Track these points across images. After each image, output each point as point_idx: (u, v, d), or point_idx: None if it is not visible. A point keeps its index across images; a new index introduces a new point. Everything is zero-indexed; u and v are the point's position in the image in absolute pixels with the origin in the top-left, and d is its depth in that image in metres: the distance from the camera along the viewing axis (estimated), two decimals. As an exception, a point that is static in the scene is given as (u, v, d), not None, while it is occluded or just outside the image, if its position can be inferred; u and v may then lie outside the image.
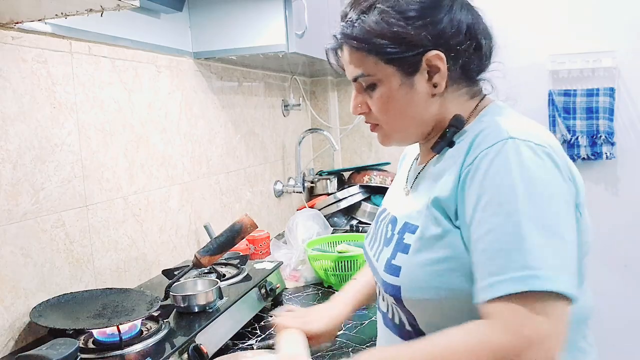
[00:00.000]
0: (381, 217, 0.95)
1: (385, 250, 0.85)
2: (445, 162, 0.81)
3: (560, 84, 2.50)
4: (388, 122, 0.86)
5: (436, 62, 0.79)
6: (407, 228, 0.81)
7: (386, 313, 0.90)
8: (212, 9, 1.58)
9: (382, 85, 0.82)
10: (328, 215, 2.20)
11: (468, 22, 0.81)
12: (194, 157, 1.63)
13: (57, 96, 1.12)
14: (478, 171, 0.71)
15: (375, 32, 0.79)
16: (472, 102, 0.85)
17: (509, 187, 0.68)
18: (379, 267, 0.85)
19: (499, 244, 0.67)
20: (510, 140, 0.71)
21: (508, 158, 0.70)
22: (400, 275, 0.79)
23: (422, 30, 0.78)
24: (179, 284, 1.20)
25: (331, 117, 2.62)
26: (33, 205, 1.06)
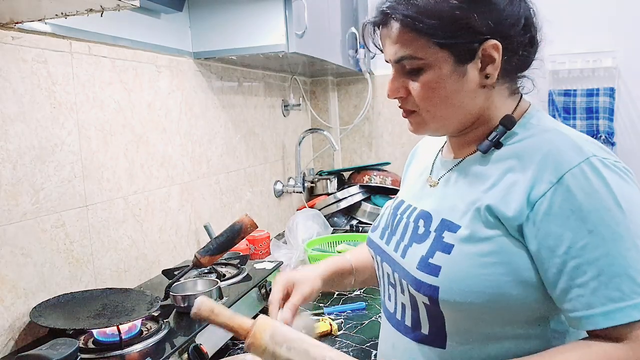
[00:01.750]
0: (401, 209, 0.91)
1: (417, 247, 0.81)
2: (494, 165, 0.77)
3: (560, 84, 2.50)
4: (430, 110, 0.80)
5: (492, 52, 0.75)
6: (447, 226, 0.78)
7: (393, 314, 0.87)
8: (212, 9, 1.58)
9: (431, 70, 0.77)
10: (328, 215, 2.20)
11: (527, 14, 0.78)
12: (194, 157, 1.63)
13: (57, 96, 1.12)
14: (571, 193, 0.68)
15: (434, 12, 0.73)
16: (512, 100, 0.82)
17: (614, 208, 0.67)
18: (408, 264, 0.81)
19: (619, 268, 0.66)
20: (593, 158, 0.70)
21: (603, 178, 0.68)
22: (440, 275, 0.75)
23: (483, 16, 0.74)
24: (179, 284, 1.20)
25: (331, 117, 2.62)
26: (33, 205, 1.06)
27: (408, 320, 0.83)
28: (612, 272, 0.66)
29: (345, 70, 2.27)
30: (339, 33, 2.05)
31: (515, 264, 0.71)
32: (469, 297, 0.73)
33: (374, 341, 1.20)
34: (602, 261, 0.67)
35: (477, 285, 0.72)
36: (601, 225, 0.67)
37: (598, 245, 0.67)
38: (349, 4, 2.20)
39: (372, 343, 1.19)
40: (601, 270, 0.67)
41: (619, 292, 0.66)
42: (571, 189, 0.68)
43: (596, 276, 0.67)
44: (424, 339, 0.81)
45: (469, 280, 0.73)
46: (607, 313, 0.66)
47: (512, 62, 0.78)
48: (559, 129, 0.77)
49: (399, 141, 2.63)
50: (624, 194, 0.68)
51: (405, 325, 0.84)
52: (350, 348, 1.17)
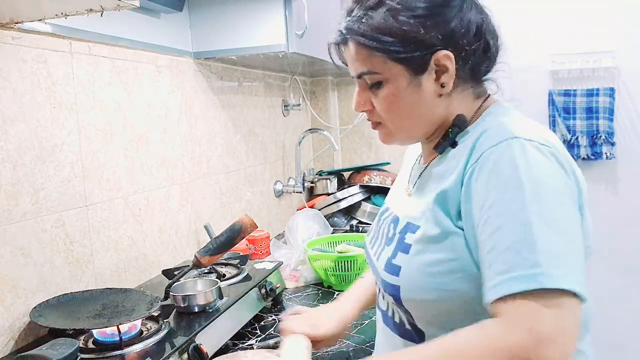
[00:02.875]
0: (383, 216, 0.95)
1: (387, 249, 0.85)
2: (448, 162, 0.80)
3: (560, 84, 2.50)
4: (393, 121, 0.84)
5: (445, 62, 0.78)
6: (409, 228, 0.81)
7: (385, 311, 0.90)
8: (212, 9, 1.58)
9: (389, 83, 0.81)
10: (328, 215, 2.20)
11: (478, 22, 0.80)
12: (194, 157, 1.63)
13: (57, 96, 1.12)
14: (483, 170, 0.71)
15: (384, 29, 0.77)
16: (476, 102, 0.85)
17: (516, 185, 0.68)
18: (379, 266, 0.85)
19: (508, 242, 0.66)
20: (514, 139, 0.71)
21: (514, 157, 0.69)
22: (400, 275, 0.78)
23: (432, 29, 0.77)
24: (179, 284, 1.20)
25: (331, 117, 2.62)
26: (33, 205, 1.06)
27: (396, 317, 0.87)
28: (502, 245, 0.66)
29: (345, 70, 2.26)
30: (339, 33, 2.04)
31: (464, 259, 0.73)
32: (425, 294, 0.75)
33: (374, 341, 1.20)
34: (495, 234, 0.67)
35: (431, 283, 0.75)
36: (500, 200, 0.68)
37: (494, 220, 0.68)
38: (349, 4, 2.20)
39: (372, 343, 1.19)
40: (494, 243, 0.67)
41: (505, 264, 0.65)
42: (483, 166, 0.71)
43: (490, 250, 0.68)
44: (408, 335, 0.84)
45: (424, 278, 0.75)
46: (495, 286, 0.66)
47: (466, 69, 0.80)
48: (501, 118, 0.79)
49: (399, 141, 2.63)
50: (537, 174, 0.68)
51: (394, 321, 0.87)
52: (350, 348, 1.17)
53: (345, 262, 1.53)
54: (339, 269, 1.53)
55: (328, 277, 1.57)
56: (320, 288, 1.59)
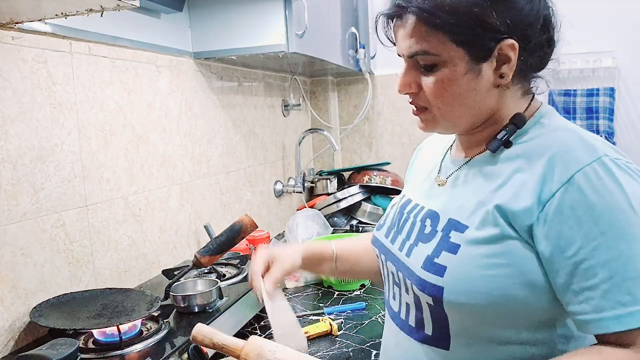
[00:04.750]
0: (407, 208, 0.89)
1: (423, 246, 0.79)
2: (504, 164, 0.76)
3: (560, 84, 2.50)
4: (441, 108, 0.78)
5: (509, 52, 0.73)
6: (453, 226, 0.76)
7: (397, 313, 0.86)
8: (212, 9, 1.58)
9: (446, 67, 0.74)
10: (328, 215, 2.20)
11: (546, 14, 0.76)
12: (194, 157, 1.63)
13: (57, 96, 1.12)
14: (583, 192, 0.66)
15: (452, 8, 0.71)
16: (524, 100, 0.81)
17: (627, 209, 0.66)
18: (413, 263, 0.79)
19: (631, 272, 0.64)
20: (605, 157, 0.68)
21: (615, 178, 0.67)
22: (445, 276, 0.74)
23: (503, 15, 0.71)
24: (179, 284, 1.20)
25: (331, 117, 2.62)
26: (33, 205, 1.06)
27: (412, 320, 0.82)
28: (624, 275, 0.64)
29: (345, 70, 2.27)
30: (339, 33, 2.05)
31: (523, 266, 0.70)
32: (474, 298, 0.71)
33: (374, 341, 1.20)
34: (614, 263, 0.65)
35: (483, 286, 0.71)
36: (614, 226, 0.65)
37: (610, 247, 0.65)
38: (349, 4, 2.20)
39: (372, 343, 1.19)
40: (613, 272, 0.65)
41: (630, 295, 0.64)
42: (583, 188, 0.67)
43: (608, 279, 0.65)
44: (427, 340, 0.80)
45: (475, 281, 0.71)
46: (618, 317, 0.64)
47: (528, 62, 0.76)
48: (570, 127, 0.76)
49: (399, 141, 2.63)
50: (636, 194, 0.67)
51: (409, 325, 0.83)
52: (350, 348, 1.17)
53: (345, 262, 1.53)
54: (339, 269, 1.53)
55: (328, 277, 1.57)
56: (320, 288, 1.59)
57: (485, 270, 0.71)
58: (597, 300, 0.66)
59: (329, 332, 1.24)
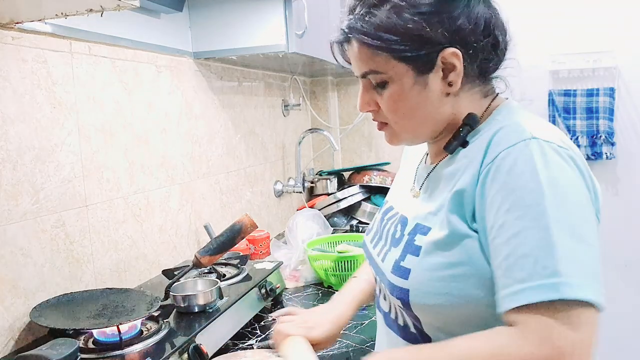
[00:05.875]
0: (387, 215, 0.92)
1: (394, 250, 0.82)
2: (459, 162, 0.78)
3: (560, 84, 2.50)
4: (398, 122, 0.81)
5: (452, 60, 0.75)
6: (419, 230, 0.79)
7: (388, 313, 0.89)
8: (212, 9, 1.58)
9: (394, 83, 0.78)
10: (328, 215, 2.20)
11: (486, 17, 0.77)
12: (194, 157, 1.63)
13: (57, 96, 1.12)
14: (500, 171, 0.68)
15: (387, 27, 0.74)
16: (485, 101, 0.82)
17: (535, 189, 0.65)
18: (386, 267, 0.82)
19: (526, 249, 0.64)
20: (533, 140, 0.68)
21: (532, 158, 0.67)
22: (409, 278, 0.76)
23: (437, 26, 0.74)
24: (179, 284, 1.20)
25: (331, 117, 2.62)
26: (33, 205, 1.06)
27: (400, 320, 0.85)
28: (519, 252, 0.64)
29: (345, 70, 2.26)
30: (339, 33, 2.04)
31: (476, 264, 0.71)
32: (437, 299, 0.73)
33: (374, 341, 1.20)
34: (513, 240, 0.65)
35: (443, 287, 0.72)
36: (518, 204, 0.66)
37: (512, 225, 0.65)
38: (349, 4, 2.20)
39: (372, 343, 1.19)
40: (512, 250, 0.65)
41: (524, 272, 0.63)
42: (500, 168, 0.69)
43: (507, 256, 0.65)
44: (413, 338, 0.81)
45: (435, 282, 0.73)
46: (512, 294, 0.64)
47: (475, 66, 0.78)
48: (514, 117, 0.76)
49: (399, 141, 2.63)
50: (554, 177, 0.66)
51: (398, 324, 0.85)
52: (350, 348, 1.17)
53: (345, 262, 1.53)
54: (339, 269, 1.53)
55: (328, 277, 1.57)
56: (320, 288, 1.59)
57: (443, 271, 0.72)
58: (501, 278, 0.66)
59: (329, 332, 1.24)
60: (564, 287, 0.61)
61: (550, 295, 0.61)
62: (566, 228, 0.64)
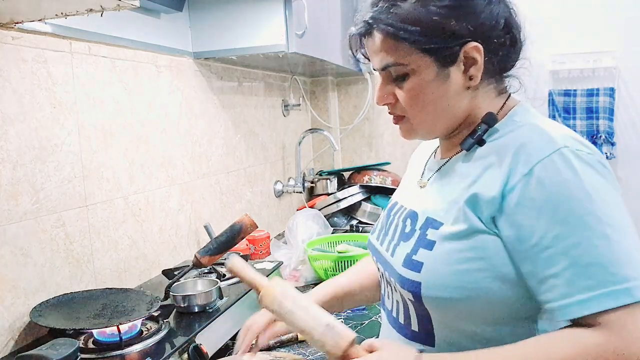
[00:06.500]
0: (394, 211, 0.93)
1: (404, 245, 0.82)
2: (477, 161, 0.79)
3: (560, 84, 2.50)
4: (416, 115, 0.82)
5: (474, 54, 0.77)
6: (430, 224, 0.79)
7: (390, 311, 0.89)
8: (212, 9, 1.58)
9: (415, 75, 0.78)
10: (328, 215, 2.20)
11: (505, 15, 0.80)
12: (194, 157, 1.63)
13: (57, 96, 1.12)
14: (542, 183, 0.70)
15: (413, 19, 0.75)
16: (499, 100, 0.83)
17: (584, 198, 0.68)
18: (396, 262, 0.82)
19: (590, 258, 0.67)
20: (565, 149, 0.71)
21: (572, 168, 0.70)
22: (421, 271, 0.76)
23: (462, 20, 0.75)
24: (179, 284, 1.20)
25: (331, 117, 2.62)
26: (33, 205, 1.06)
27: (401, 318, 0.85)
28: (584, 261, 0.67)
29: (345, 70, 2.27)
30: (339, 33, 2.04)
31: (493, 259, 0.73)
32: (450, 292, 0.74)
33: (374, 341, 1.20)
34: (573, 251, 0.67)
35: (457, 280, 0.74)
36: (571, 215, 0.68)
37: (569, 235, 0.68)
38: (349, 4, 2.20)
39: (372, 343, 1.19)
40: (574, 260, 0.67)
41: (592, 280, 0.66)
42: (541, 179, 0.70)
43: (569, 266, 0.68)
44: (415, 337, 0.82)
45: (449, 275, 0.74)
46: (582, 302, 0.67)
47: (494, 62, 0.80)
48: (536, 122, 0.78)
49: (399, 141, 2.63)
50: (594, 184, 0.69)
51: (399, 322, 0.86)
52: (350, 348, 1.17)
53: (345, 262, 1.53)
54: (339, 269, 1.53)
55: (328, 277, 1.57)
56: (320, 288, 1.59)
57: (457, 264, 0.74)
58: (561, 287, 0.68)
59: (329, 332, 1.24)
60: (635, 290, 0.66)
61: (625, 300, 0.65)
62: (621, 233, 0.68)
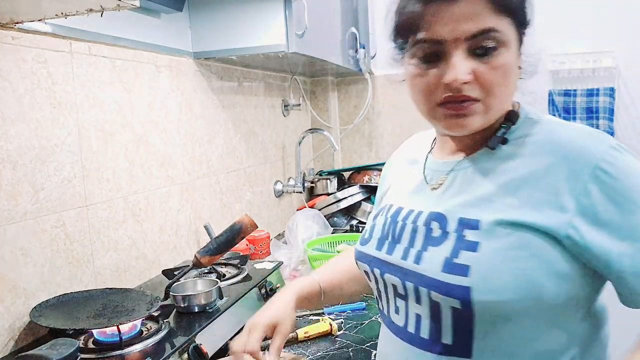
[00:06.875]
0: (401, 216, 0.83)
1: (435, 249, 0.74)
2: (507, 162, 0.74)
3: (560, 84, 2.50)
4: (496, 98, 0.72)
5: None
6: (466, 225, 0.73)
7: (404, 327, 0.80)
8: (212, 9, 1.59)
9: (505, 48, 0.70)
10: (328, 215, 2.20)
11: None
12: (194, 157, 1.63)
13: (57, 96, 1.12)
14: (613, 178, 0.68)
15: None
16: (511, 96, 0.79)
17: None
18: (428, 268, 0.74)
19: None
20: (614, 143, 0.70)
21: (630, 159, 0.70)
22: (470, 275, 0.69)
23: None
24: (179, 284, 1.20)
25: (331, 117, 2.62)
26: (33, 205, 1.06)
27: (424, 332, 0.76)
28: None
29: (345, 70, 2.27)
30: (339, 33, 2.05)
31: (546, 257, 0.69)
32: (504, 294, 0.68)
33: (374, 341, 1.20)
34: None
35: (511, 280, 0.68)
36: None
37: None
38: (349, 4, 2.20)
39: (372, 343, 1.19)
40: None
41: None
42: (612, 175, 0.68)
43: None
44: (446, 350, 0.74)
45: (502, 276, 0.69)
46: None
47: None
48: (565, 122, 0.76)
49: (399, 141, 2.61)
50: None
51: (421, 337, 0.77)
52: (350, 348, 1.17)
53: (345, 262, 1.52)
54: (339, 269, 1.53)
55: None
56: (320, 288, 1.59)
57: (510, 263, 0.69)
58: None
59: (328, 332, 1.24)
60: None
61: None
62: None
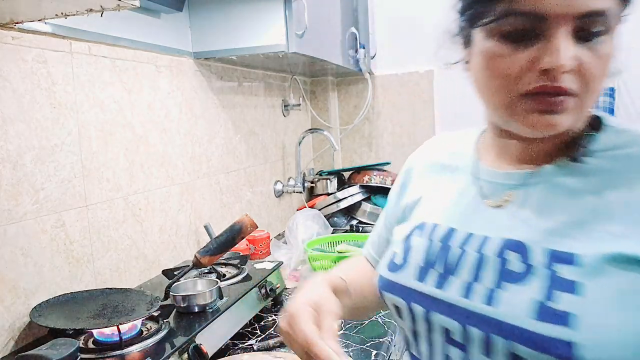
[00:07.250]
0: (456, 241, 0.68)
1: (516, 288, 0.59)
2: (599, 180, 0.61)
3: (560, 84, 2.50)
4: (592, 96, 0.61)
5: None
6: (557, 258, 0.58)
7: None
8: (212, 9, 1.59)
9: (611, 38, 0.61)
10: (328, 215, 2.20)
11: None
12: (194, 157, 1.63)
13: (57, 96, 1.12)
14: None
15: None
16: None
17: None
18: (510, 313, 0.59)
19: None
20: None
21: None
22: (572, 326, 0.54)
23: None
24: (179, 284, 1.20)
25: (331, 117, 2.62)
26: (33, 205, 1.06)
27: None
28: None
29: (345, 70, 2.27)
30: (339, 33, 2.05)
31: None
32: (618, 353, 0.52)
33: (374, 341, 1.20)
34: None
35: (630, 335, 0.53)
36: None
37: None
38: (349, 4, 2.20)
39: (372, 343, 1.19)
40: None
41: None
42: None
43: None
44: None
45: (622, 328, 0.53)
46: None
47: None
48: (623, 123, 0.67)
49: (399, 141, 2.63)
50: None
51: None
52: (350, 348, 1.17)
53: (345, 262, 1.52)
54: (339, 269, 1.53)
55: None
56: (320, 288, 1.59)
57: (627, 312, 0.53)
58: None
59: (329, 332, 1.24)
60: None
61: None
62: None
